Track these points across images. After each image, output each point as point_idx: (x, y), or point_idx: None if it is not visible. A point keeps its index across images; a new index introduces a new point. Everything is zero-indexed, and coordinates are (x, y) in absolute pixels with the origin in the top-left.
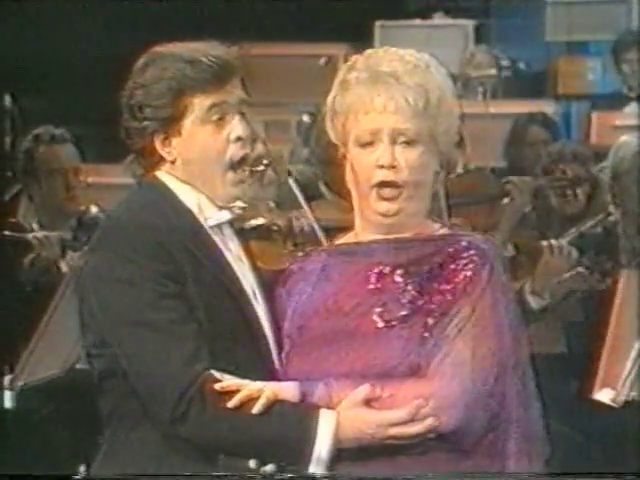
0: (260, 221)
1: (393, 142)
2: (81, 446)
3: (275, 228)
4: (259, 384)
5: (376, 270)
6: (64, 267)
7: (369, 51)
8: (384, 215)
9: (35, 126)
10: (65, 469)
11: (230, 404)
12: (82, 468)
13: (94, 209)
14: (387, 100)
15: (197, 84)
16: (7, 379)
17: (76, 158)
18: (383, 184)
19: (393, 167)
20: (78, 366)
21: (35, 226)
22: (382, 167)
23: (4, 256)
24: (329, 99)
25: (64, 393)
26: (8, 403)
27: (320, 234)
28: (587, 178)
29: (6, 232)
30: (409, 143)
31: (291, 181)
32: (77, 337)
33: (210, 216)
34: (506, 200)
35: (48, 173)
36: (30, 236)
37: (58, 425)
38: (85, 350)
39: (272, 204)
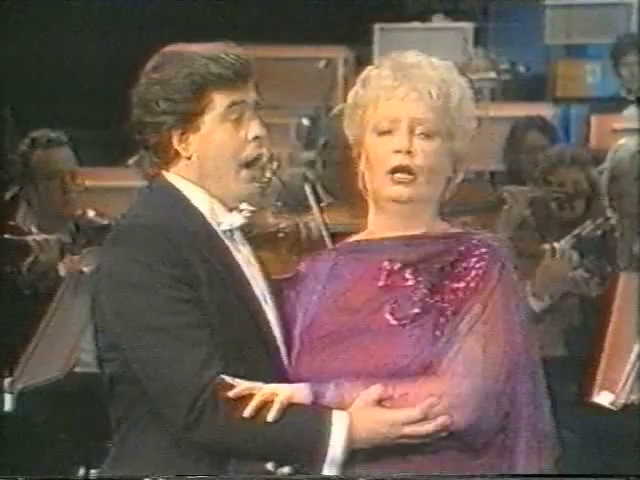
0: (267, 228)
1: (411, 131)
2: (80, 449)
3: (281, 235)
4: (271, 387)
5: (386, 267)
6: (62, 270)
7: (394, 53)
8: (397, 200)
9: (32, 129)
10: (64, 472)
11: (246, 413)
12: (81, 471)
13: (91, 213)
14: (409, 89)
15: (220, 80)
16: (6, 382)
17: (73, 161)
18: (398, 169)
19: (409, 153)
20: (77, 369)
21: (34, 229)
22: (398, 152)
23: (3, 259)
24: (349, 95)
25: (63, 396)
26: (7, 406)
27: (328, 240)
28: (584, 190)
29: (5, 235)
30: (427, 135)
31: (307, 186)
32: (76, 340)
33: (223, 220)
34: (503, 208)
35: (45, 177)
36: (29, 239)
37: (57, 428)
38: (96, 354)
39: (279, 205)
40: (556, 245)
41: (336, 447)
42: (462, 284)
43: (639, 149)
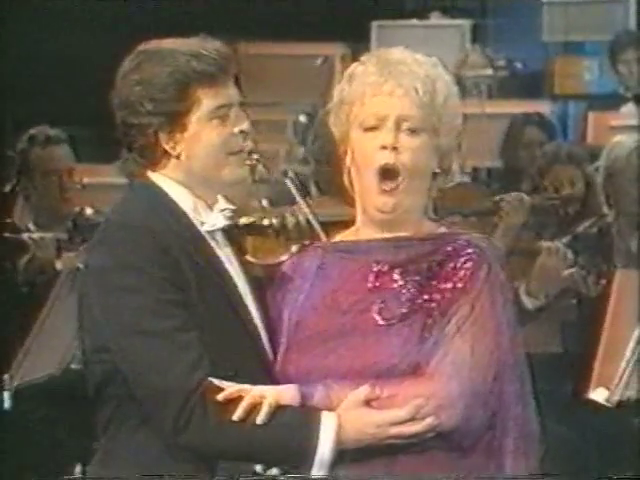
0: (252, 219)
1: (397, 127)
2: (77, 446)
3: (266, 223)
4: (260, 389)
5: (374, 269)
6: (60, 267)
7: (379, 50)
8: (382, 211)
9: (30, 127)
10: (61, 469)
11: (235, 417)
12: (78, 468)
13: (89, 210)
14: (396, 85)
15: (203, 77)
16: (3, 379)
17: (71, 159)
18: (384, 171)
19: (395, 149)
20: (73, 366)
21: (31, 226)
22: (385, 148)
23: (0, 256)
24: (336, 92)
25: (60, 393)
26: (5, 403)
27: (317, 227)
28: (579, 196)
29: (2, 233)
30: (413, 131)
31: (288, 181)
32: (73, 337)
33: (206, 220)
34: (496, 217)
35: (43, 174)
36: (26, 236)
37: (54, 425)
38: (83, 355)
39: (265, 202)
40: (552, 243)
41: (325, 448)
42: (450, 284)
43: (637, 145)
